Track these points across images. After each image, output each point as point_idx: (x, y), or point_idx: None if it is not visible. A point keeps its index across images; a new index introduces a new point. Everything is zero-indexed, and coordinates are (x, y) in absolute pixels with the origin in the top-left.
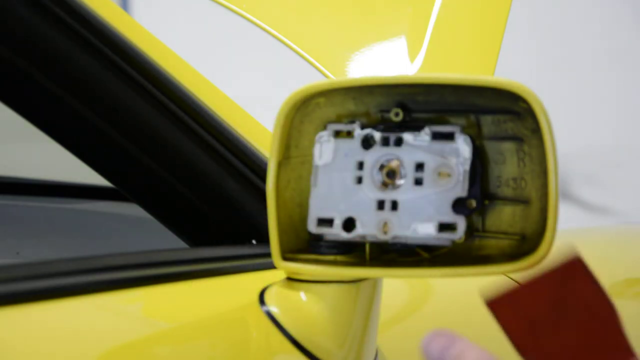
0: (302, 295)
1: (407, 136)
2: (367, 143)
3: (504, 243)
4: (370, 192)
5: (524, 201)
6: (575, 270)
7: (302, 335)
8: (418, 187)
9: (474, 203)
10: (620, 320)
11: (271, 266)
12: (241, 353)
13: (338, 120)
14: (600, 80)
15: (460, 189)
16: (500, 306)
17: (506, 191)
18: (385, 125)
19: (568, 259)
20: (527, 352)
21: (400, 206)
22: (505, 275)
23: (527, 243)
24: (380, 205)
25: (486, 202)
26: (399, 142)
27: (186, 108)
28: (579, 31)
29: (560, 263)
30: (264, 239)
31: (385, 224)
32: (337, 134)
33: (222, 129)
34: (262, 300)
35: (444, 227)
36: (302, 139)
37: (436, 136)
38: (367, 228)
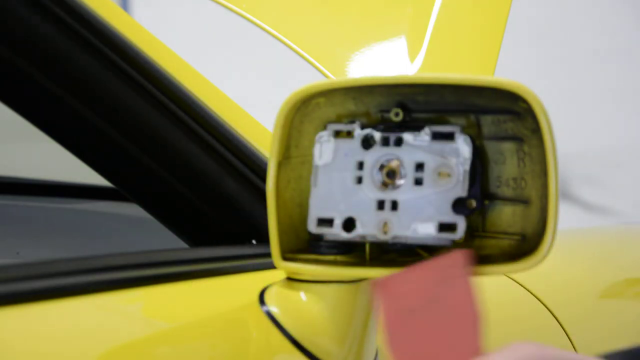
0: (302, 295)
1: (407, 136)
2: (367, 143)
3: (504, 243)
4: (370, 192)
5: (524, 201)
6: (457, 271)
7: (302, 335)
8: (418, 187)
9: (474, 203)
10: (481, 331)
11: (271, 266)
12: (241, 353)
13: (338, 120)
14: (601, 80)
15: (460, 189)
16: (384, 287)
17: (506, 191)
18: (385, 125)
19: (455, 259)
20: (394, 337)
21: (400, 206)
22: (506, 275)
23: (527, 243)
24: (380, 205)
25: (486, 202)
26: (399, 142)
27: (186, 108)
28: (579, 31)
29: (448, 260)
30: (264, 239)
31: (385, 224)
32: (337, 134)
33: (222, 129)
34: (262, 300)
35: (444, 227)
36: (302, 139)
37: (436, 136)
38: (367, 228)
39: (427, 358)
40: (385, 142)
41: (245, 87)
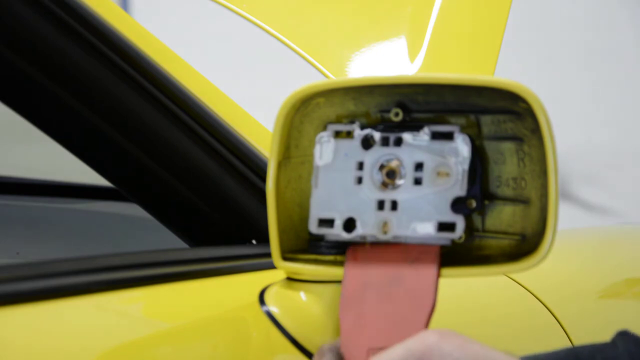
0: (302, 295)
1: (407, 136)
2: (367, 143)
3: (504, 243)
4: (370, 192)
5: (524, 201)
6: (428, 259)
7: (302, 335)
8: (417, 187)
9: (473, 203)
10: (429, 318)
11: (271, 266)
12: (241, 353)
13: (338, 120)
14: (601, 80)
15: (459, 189)
16: (357, 256)
17: (506, 191)
18: (385, 125)
19: (428, 250)
20: (347, 305)
21: (400, 206)
22: (506, 275)
23: (527, 243)
24: (380, 205)
25: (486, 202)
26: (398, 142)
27: (186, 108)
28: (578, 30)
29: (422, 247)
30: (264, 239)
31: (385, 223)
32: (337, 134)
33: (222, 129)
34: (262, 300)
35: (443, 226)
36: (302, 139)
37: (435, 136)
38: (368, 228)
39: (371, 330)
40: (385, 142)
41: (246, 87)
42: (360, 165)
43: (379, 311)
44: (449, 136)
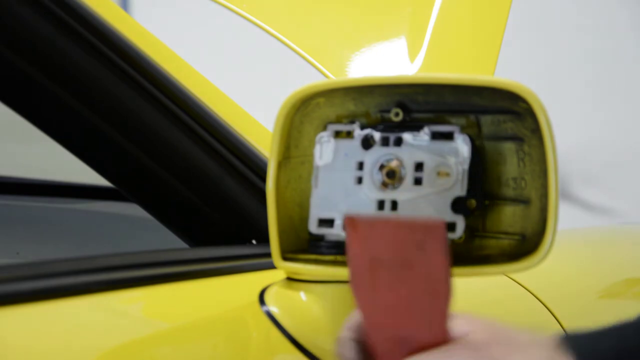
0: (302, 295)
1: (407, 136)
2: (367, 143)
3: (504, 243)
4: (370, 192)
5: (524, 201)
6: (436, 236)
7: (302, 335)
8: (417, 187)
9: (474, 203)
10: (449, 306)
11: (271, 266)
12: (241, 353)
13: (338, 120)
14: (601, 80)
15: (459, 189)
16: (356, 226)
17: (506, 191)
18: (385, 125)
19: (435, 222)
20: (359, 285)
21: (400, 206)
22: (506, 275)
23: (527, 243)
24: (381, 205)
25: (486, 202)
26: (398, 142)
27: (186, 108)
28: (578, 30)
29: (428, 222)
30: (264, 239)
31: None
32: (337, 134)
33: (222, 129)
34: (262, 300)
35: None
36: (302, 139)
37: (435, 136)
38: None
39: (393, 316)
40: (385, 142)
41: (246, 87)
42: (360, 165)
43: (395, 294)
44: (449, 136)
